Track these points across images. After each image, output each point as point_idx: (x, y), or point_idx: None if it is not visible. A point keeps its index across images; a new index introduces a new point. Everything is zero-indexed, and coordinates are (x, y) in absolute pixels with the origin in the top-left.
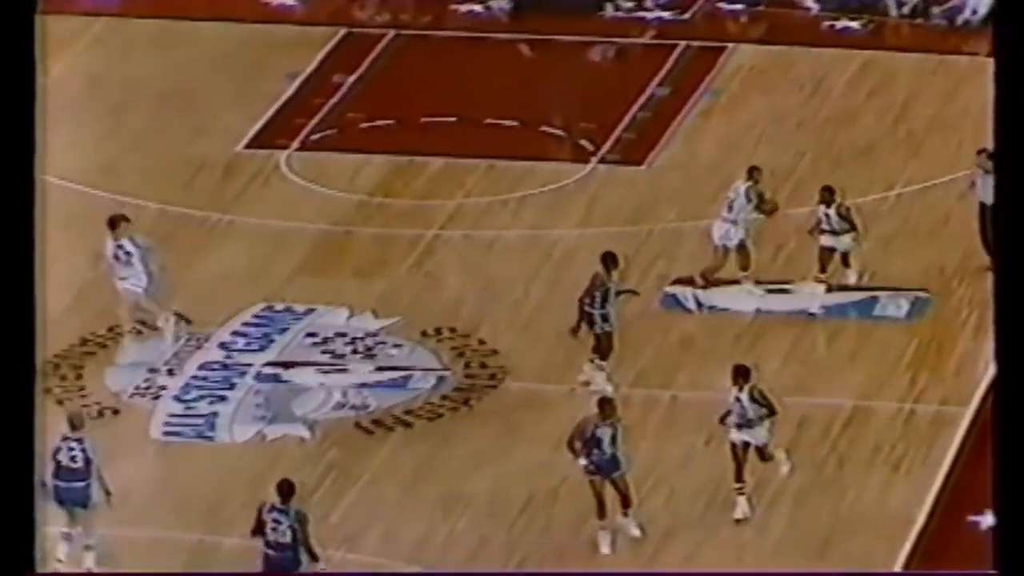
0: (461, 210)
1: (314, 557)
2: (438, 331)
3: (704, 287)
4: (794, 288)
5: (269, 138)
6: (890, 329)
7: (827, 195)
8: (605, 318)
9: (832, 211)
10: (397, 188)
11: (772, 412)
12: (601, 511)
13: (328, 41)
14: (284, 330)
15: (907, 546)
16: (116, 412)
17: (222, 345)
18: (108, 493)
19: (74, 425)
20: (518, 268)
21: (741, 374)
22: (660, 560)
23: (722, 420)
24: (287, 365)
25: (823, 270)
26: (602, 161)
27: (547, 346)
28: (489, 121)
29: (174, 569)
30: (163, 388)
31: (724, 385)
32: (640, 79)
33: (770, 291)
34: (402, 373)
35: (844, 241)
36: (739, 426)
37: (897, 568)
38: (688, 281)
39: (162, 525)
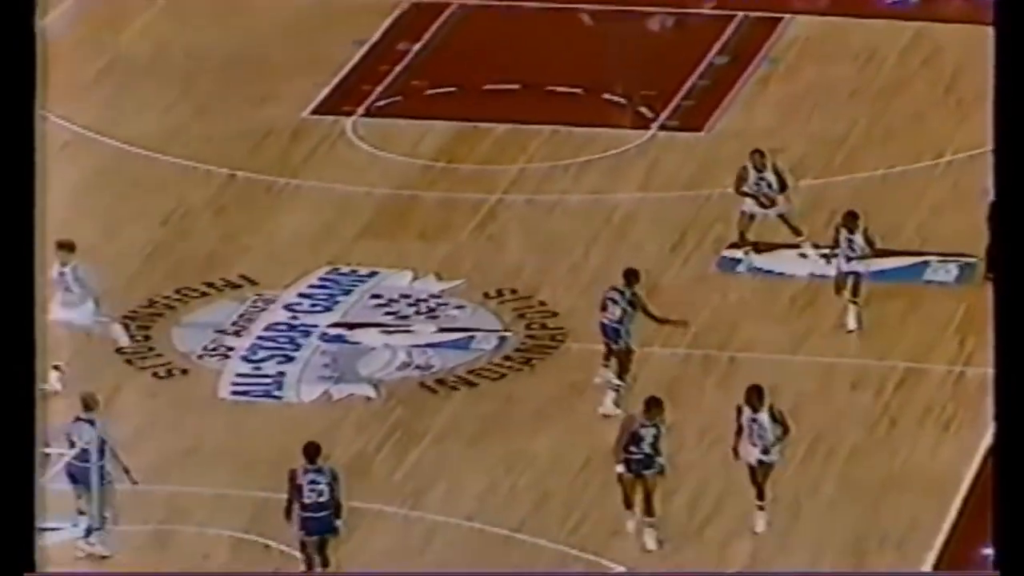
0: (523, 175)
1: (338, 515)
2: (500, 293)
3: (759, 251)
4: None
5: (335, 105)
6: (939, 293)
7: (851, 220)
8: (628, 332)
9: (857, 236)
10: (461, 153)
11: (787, 431)
12: (627, 503)
13: (393, 10)
14: (349, 292)
15: (956, 503)
16: (185, 372)
17: (288, 307)
18: (127, 471)
19: (87, 406)
20: (579, 232)
21: (758, 395)
22: (716, 521)
23: (735, 450)
24: (352, 326)
25: (838, 292)
26: (662, 128)
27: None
28: (551, 88)
29: (240, 525)
30: (231, 349)
31: (781, 346)
32: (699, 48)
33: (824, 256)
34: (465, 334)
35: (862, 266)
36: (764, 449)
37: (947, 524)
38: (743, 245)
39: (229, 482)
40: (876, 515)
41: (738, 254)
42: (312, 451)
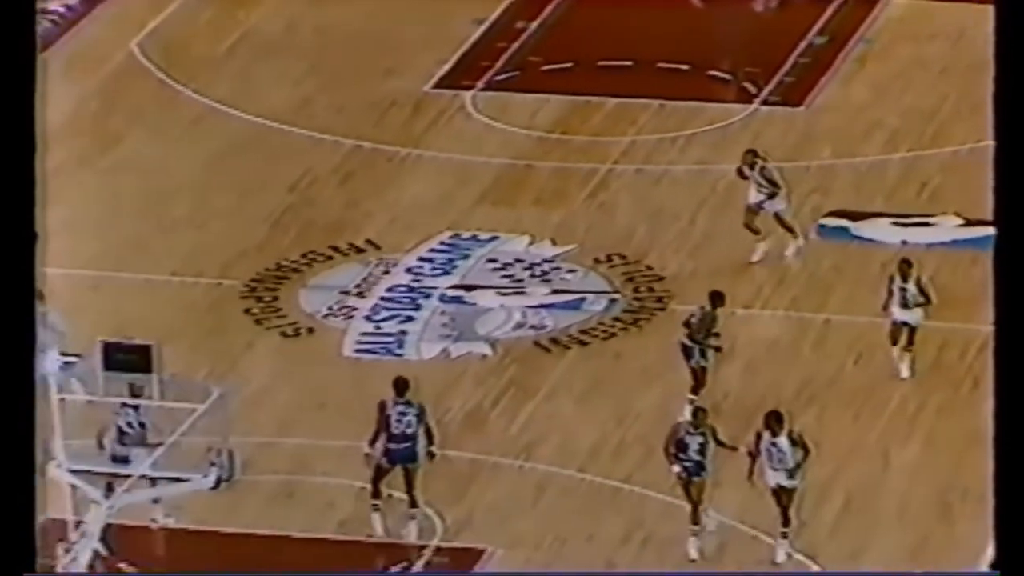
0: (633, 146)
1: (432, 441)
2: (610, 258)
3: (854, 220)
4: (935, 221)
5: (456, 79)
6: None
7: (905, 268)
8: (703, 353)
9: (911, 285)
10: (574, 126)
11: (807, 454)
12: (694, 519)
13: None
14: (467, 256)
15: None
16: (311, 331)
17: (409, 270)
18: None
19: (135, 393)
20: (685, 200)
21: (777, 420)
22: (813, 472)
23: (750, 474)
24: (470, 288)
25: (894, 342)
26: (764, 102)
27: (710, 272)
28: (661, 65)
29: (363, 476)
30: (355, 309)
31: (873, 309)
32: (800, 28)
33: (912, 225)
34: (576, 296)
35: (916, 315)
36: (787, 474)
37: None
38: (839, 214)
39: (353, 435)
40: (960, 470)
41: (832, 221)
42: (402, 385)
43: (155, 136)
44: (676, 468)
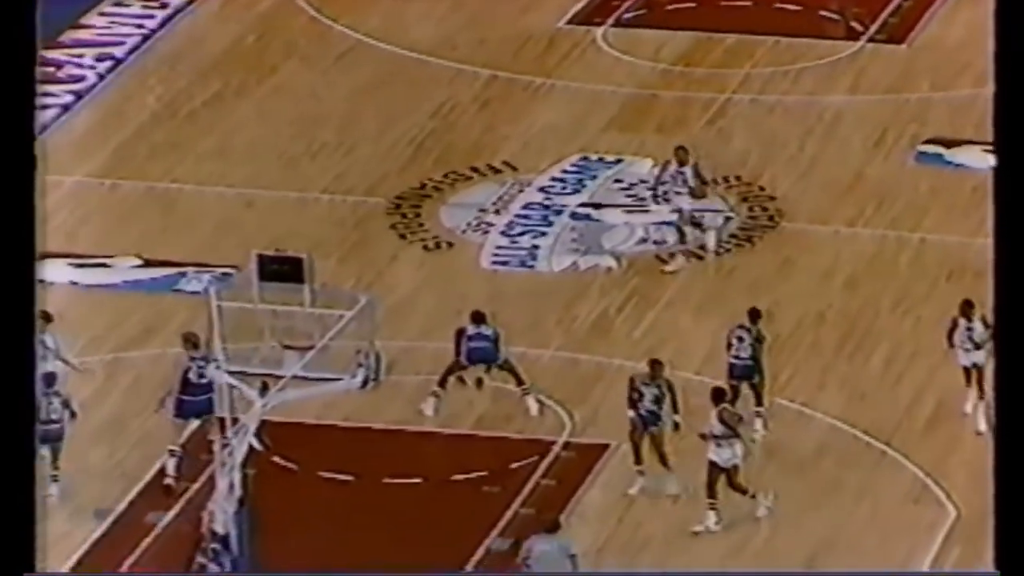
0: (749, 79)
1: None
2: (726, 179)
3: (948, 147)
4: None
5: (588, 16)
6: None
7: (968, 309)
8: (761, 367)
9: (976, 323)
10: (696, 59)
11: (735, 435)
12: (636, 459)
13: None
14: (595, 176)
15: None
16: (451, 245)
17: (542, 189)
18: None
19: (194, 344)
20: (795, 128)
21: (714, 396)
22: (906, 377)
23: (702, 435)
24: (598, 206)
25: (968, 383)
26: (869, 40)
27: (818, 193)
28: (777, 5)
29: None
30: (491, 225)
31: (966, 230)
32: None
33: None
34: (696, 215)
35: (980, 356)
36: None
37: None
38: (935, 142)
39: None
40: None
41: (929, 148)
42: (479, 317)
43: (307, 67)
44: (631, 414)
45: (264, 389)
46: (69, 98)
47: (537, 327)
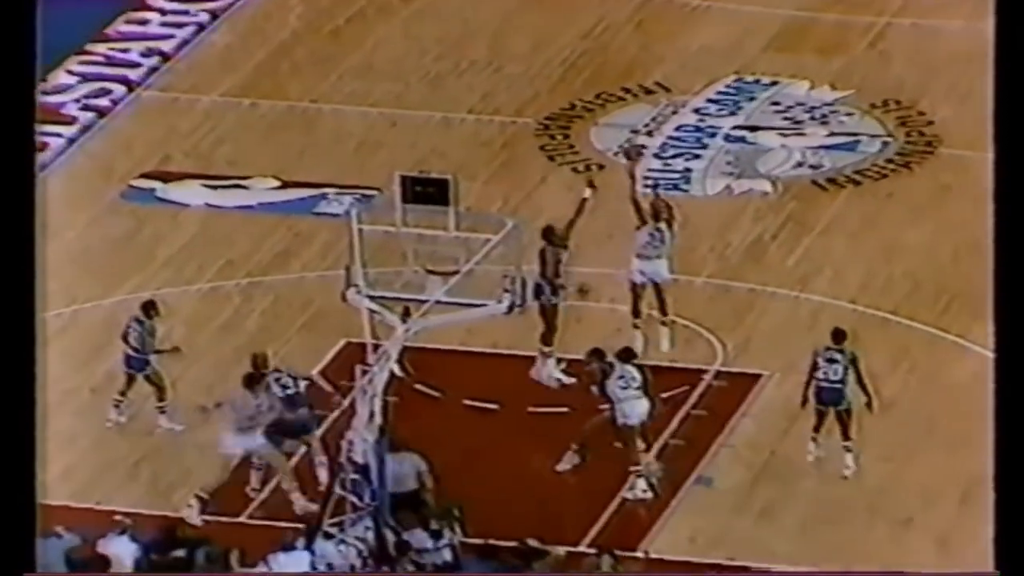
0: (910, 3)
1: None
2: (885, 103)
3: None
4: None
5: None
6: None
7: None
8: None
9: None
10: None
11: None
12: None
13: None
14: (752, 98)
15: None
16: (601, 167)
17: (697, 110)
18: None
19: (257, 366)
20: (956, 53)
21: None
22: None
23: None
24: (753, 128)
25: None
26: None
27: (977, 118)
28: None
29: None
30: (643, 147)
31: None
32: None
33: None
34: (852, 137)
35: None
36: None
37: None
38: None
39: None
40: None
41: None
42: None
43: None
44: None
45: (406, 315)
46: (205, 16)
47: (689, 253)
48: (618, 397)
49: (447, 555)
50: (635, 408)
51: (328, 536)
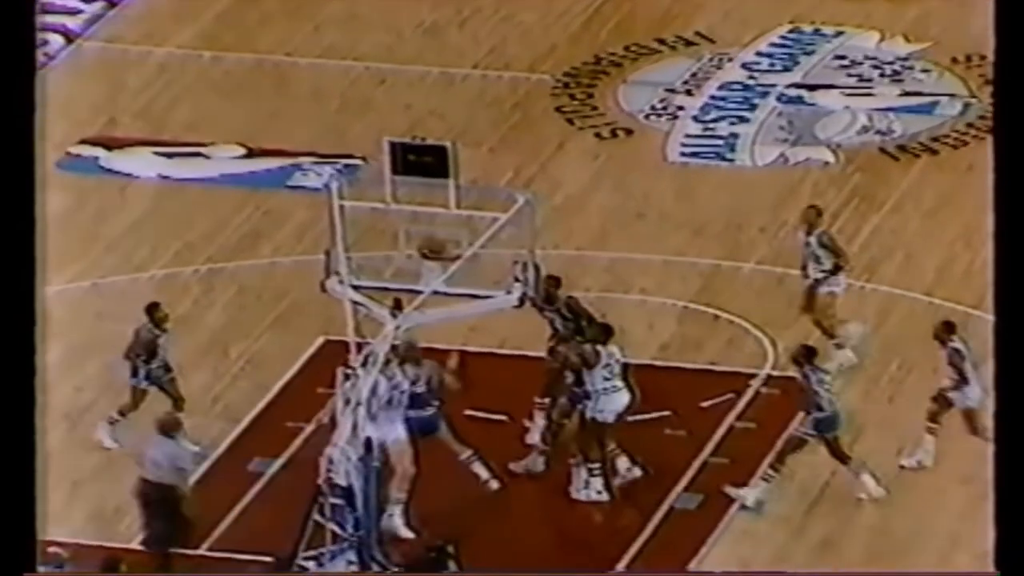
0: None
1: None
2: (968, 59)
3: None
4: None
5: None
6: None
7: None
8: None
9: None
10: None
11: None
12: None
13: None
14: (811, 51)
15: None
16: (630, 132)
17: (745, 65)
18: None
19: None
20: None
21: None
22: None
23: None
24: (812, 87)
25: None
26: None
27: None
28: None
29: (686, 294)
30: (681, 108)
31: None
32: None
33: None
34: (929, 99)
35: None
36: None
37: None
38: None
39: (676, 249)
40: None
41: None
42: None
43: None
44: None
45: (397, 308)
46: None
47: (736, 234)
48: (598, 388)
49: None
50: (614, 402)
51: (303, 571)
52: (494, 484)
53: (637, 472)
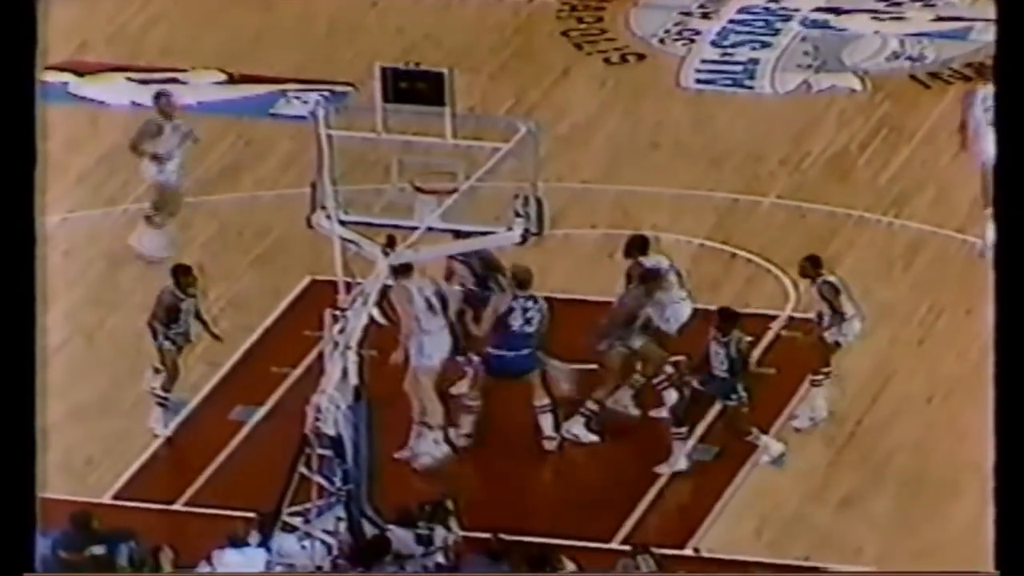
0: None
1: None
2: None
3: None
4: None
5: None
6: None
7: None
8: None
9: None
10: None
11: None
12: None
13: None
14: None
15: None
16: (642, 57)
17: None
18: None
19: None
20: None
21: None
22: None
23: None
24: (839, 11)
25: None
26: None
27: None
28: None
29: (702, 230)
30: (697, 32)
31: None
32: None
33: None
34: (964, 23)
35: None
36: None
37: None
38: None
39: (690, 182)
40: None
41: None
42: None
43: None
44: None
45: (389, 245)
46: None
47: (755, 165)
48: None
49: (440, 558)
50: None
51: (289, 528)
52: (551, 444)
53: (593, 439)
